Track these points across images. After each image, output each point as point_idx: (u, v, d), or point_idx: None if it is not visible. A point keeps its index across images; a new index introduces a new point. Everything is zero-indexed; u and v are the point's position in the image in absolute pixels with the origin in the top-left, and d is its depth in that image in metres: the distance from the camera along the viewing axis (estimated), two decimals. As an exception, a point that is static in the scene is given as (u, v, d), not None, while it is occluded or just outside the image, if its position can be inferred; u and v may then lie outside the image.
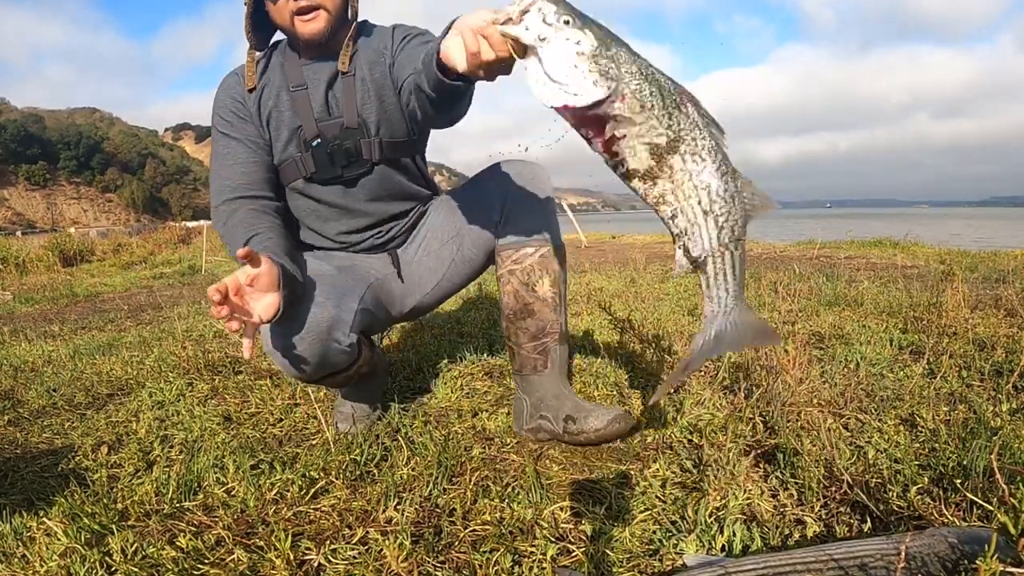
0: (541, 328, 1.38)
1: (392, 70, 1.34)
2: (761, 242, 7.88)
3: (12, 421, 1.70)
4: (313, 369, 1.25)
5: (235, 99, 1.36)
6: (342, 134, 1.34)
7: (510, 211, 1.38)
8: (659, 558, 0.91)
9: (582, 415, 1.32)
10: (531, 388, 1.41)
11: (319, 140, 1.34)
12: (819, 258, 5.20)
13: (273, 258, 1.11)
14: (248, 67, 1.36)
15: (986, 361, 1.73)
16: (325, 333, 1.22)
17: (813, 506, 1.01)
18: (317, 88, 1.35)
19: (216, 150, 1.38)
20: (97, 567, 0.91)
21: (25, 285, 5.64)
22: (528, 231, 1.37)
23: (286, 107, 1.35)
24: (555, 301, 1.39)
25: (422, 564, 0.92)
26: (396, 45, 1.34)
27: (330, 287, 1.27)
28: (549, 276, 1.37)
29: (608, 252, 6.79)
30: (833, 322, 2.34)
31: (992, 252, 5.10)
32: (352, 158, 1.36)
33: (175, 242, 10.66)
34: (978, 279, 3.44)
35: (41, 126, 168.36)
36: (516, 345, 1.41)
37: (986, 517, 0.91)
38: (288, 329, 1.20)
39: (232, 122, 1.36)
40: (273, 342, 1.22)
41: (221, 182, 1.34)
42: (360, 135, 1.35)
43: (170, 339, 2.62)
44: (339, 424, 1.47)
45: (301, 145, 1.35)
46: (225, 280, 1.01)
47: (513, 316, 1.40)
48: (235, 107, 1.36)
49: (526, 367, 1.41)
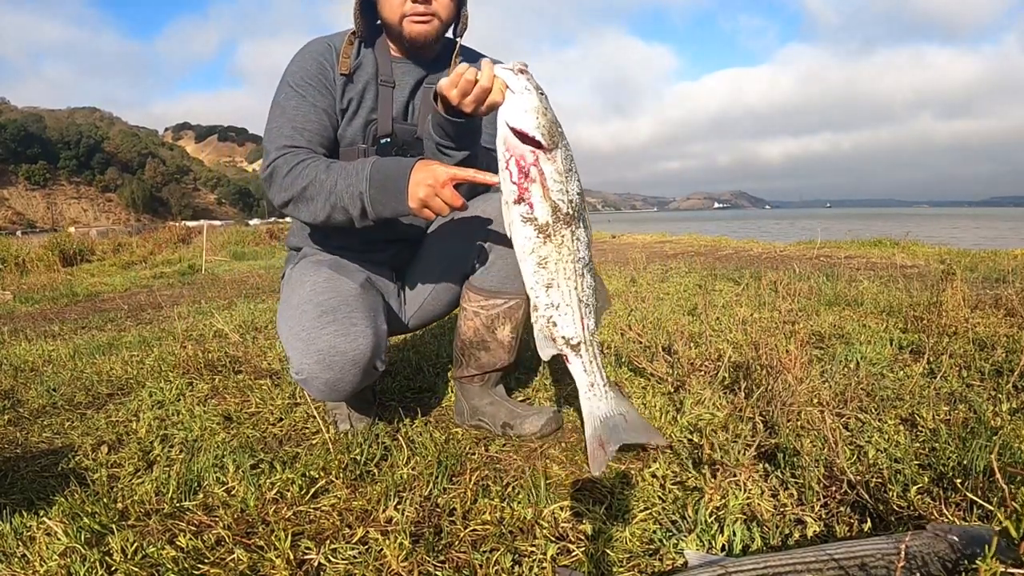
0: (492, 363, 1.46)
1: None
2: (761, 242, 7.88)
3: (12, 421, 1.70)
4: (348, 394, 1.27)
5: (323, 68, 1.31)
6: (412, 142, 1.36)
7: (488, 254, 1.38)
8: (659, 558, 0.91)
9: (518, 421, 1.42)
10: (468, 395, 1.50)
11: (389, 139, 1.34)
12: (819, 258, 5.20)
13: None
14: (345, 51, 1.33)
15: (986, 361, 1.73)
16: (368, 363, 1.22)
17: (813, 506, 1.01)
18: (403, 89, 1.36)
19: (283, 103, 1.30)
20: (97, 567, 0.91)
21: (25, 285, 5.63)
22: (503, 282, 1.38)
23: (370, 97, 1.34)
24: (511, 344, 1.45)
25: (422, 564, 0.91)
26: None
27: (366, 308, 1.26)
28: (511, 323, 1.42)
29: (608, 252, 6.79)
30: (833, 322, 2.34)
31: (992, 252, 5.11)
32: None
33: (175, 242, 10.65)
34: (978, 279, 3.44)
35: (41, 126, 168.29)
36: (462, 361, 1.48)
37: (986, 517, 0.91)
38: (329, 357, 1.18)
39: (312, 85, 1.30)
40: (309, 368, 1.19)
41: (288, 130, 1.27)
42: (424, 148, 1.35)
43: (170, 339, 2.62)
44: (339, 424, 1.47)
45: (370, 138, 1.35)
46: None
47: (468, 344, 1.45)
48: (320, 76, 1.31)
49: (465, 379, 1.50)
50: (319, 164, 1.20)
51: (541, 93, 0.99)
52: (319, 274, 1.30)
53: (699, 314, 2.58)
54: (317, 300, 1.23)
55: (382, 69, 1.34)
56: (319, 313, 1.21)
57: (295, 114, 1.27)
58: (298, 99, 1.29)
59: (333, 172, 1.17)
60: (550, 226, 0.93)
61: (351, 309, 1.23)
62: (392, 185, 1.10)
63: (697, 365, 1.78)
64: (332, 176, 1.17)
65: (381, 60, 1.34)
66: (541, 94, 0.99)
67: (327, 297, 1.24)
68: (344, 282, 1.29)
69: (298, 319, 1.23)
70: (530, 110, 0.96)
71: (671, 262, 5.15)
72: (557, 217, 0.93)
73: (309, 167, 1.20)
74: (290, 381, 1.84)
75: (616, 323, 2.43)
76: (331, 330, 1.19)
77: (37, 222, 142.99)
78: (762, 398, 1.41)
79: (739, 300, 2.94)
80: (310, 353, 1.18)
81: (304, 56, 1.32)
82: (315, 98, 1.29)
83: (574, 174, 0.97)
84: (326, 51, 1.33)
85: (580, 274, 0.95)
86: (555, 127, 0.97)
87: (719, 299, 3.02)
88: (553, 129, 0.97)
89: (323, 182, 1.17)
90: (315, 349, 1.18)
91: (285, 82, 1.31)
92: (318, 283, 1.27)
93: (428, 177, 1.05)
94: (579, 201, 0.97)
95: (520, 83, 0.97)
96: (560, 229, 0.94)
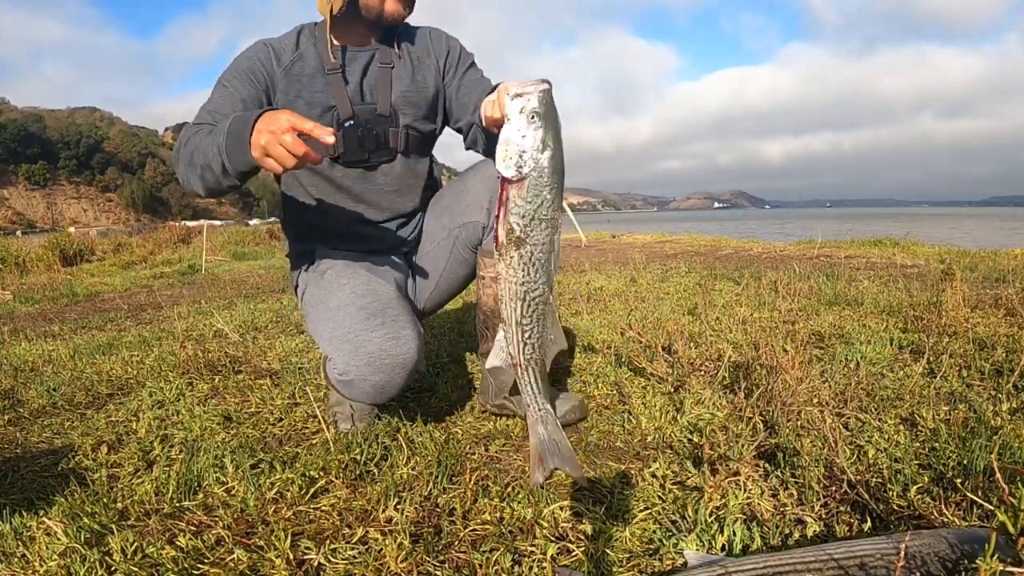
0: None
1: (445, 81, 1.47)
2: (761, 241, 7.88)
3: (12, 421, 1.70)
4: (393, 397, 1.31)
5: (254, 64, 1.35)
6: (374, 120, 1.40)
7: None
8: (659, 558, 0.91)
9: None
10: (495, 372, 1.49)
11: (352, 122, 1.38)
12: (819, 257, 5.20)
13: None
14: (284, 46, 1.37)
15: (986, 361, 1.73)
16: (415, 366, 1.27)
17: (813, 506, 1.01)
18: (353, 73, 1.39)
19: (213, 92, 1.35)
20: (97, 567, 0.91)
21: (25, 285, 5.63)
22: None
23: (320, 86, 1.37)
24: None
25: (422, 564, 0.91)
26: (449, 59, 1.47)
27: (407, 312, 1.31)
28: None
29: (608, 252, 6.79)
30: (833, 321, 2.34)
31: (992, 252, 5.10)
32: (380, 144, 1.41)
33: (175, 242, 10.64)
34: (978, 279, 3.44)
35: (41, 126, 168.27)
36: (486, 335, 1.47)
37: (986, 517, 0.91)
38: (380, 360, 1.22)
39: (237, 78, 1.34)
40: (358, 370, 1.23)
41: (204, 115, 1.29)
42: (389, 124, 1.41)
43: (170, 339, 2.62)
44: (339, 424, 1.47)
45: (333, 123, 1.37)
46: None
47: (490, 314, 1.45)
48: (248, 71, 1.34)
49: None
50: (204, 128, 1.20)
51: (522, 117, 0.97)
52: (357, 276, 1.35)
53: (699, 314, 2.58)
54: (360, 303, 1.28)
55: (326, 56, 1.37)
56: (365, 316, 1.26)
57: (214, 103, 1.30)
58: (220, 90, 1.33)
59: (204, 133, 1.17)
60: (502, 246, 0.97)
61: (397, 312, 1.28)
62: (240, 135, 1.07)
63: (697, 365, 1.78)
64: (205, 137, 1.16)
65: (324, 48, 1.38)
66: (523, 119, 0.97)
67: (370, 300, 1.29)
68: (383, 285, 1.34)
69: (343, 321, 1.27)
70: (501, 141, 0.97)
71: (671, 262, 5.15)
72: (509, 239, 0.96)
73: (195, 136, 1.19)
74: (290, 381, 1.84)
75: (616, 323, 2.43)
76: (381, 333, 1.23)
77: (37, 222, 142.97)
78: (762, 398, 1.41)
79: (739, 300, 2.94)
80: (360, 355, 1.22)
81: (239, 58, 1.37)
82: (236, 87, 1.32)
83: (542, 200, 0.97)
84: (262, 49, 1.37)
85: (520, 297, 0.98)
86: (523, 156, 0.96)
87: (719, 299, 3.02)
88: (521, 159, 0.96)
89: (198, 144, 1.17)
90: (365, 352, 1.22)
91: (220, 77, 1.36)
92: (358, 285, 1.32)
93: (270, 124, 1.03)
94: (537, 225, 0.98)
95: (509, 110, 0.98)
96: (509, 250, 0.97)
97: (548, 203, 0.98)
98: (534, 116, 0.97)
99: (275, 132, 1.01)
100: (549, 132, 0.98)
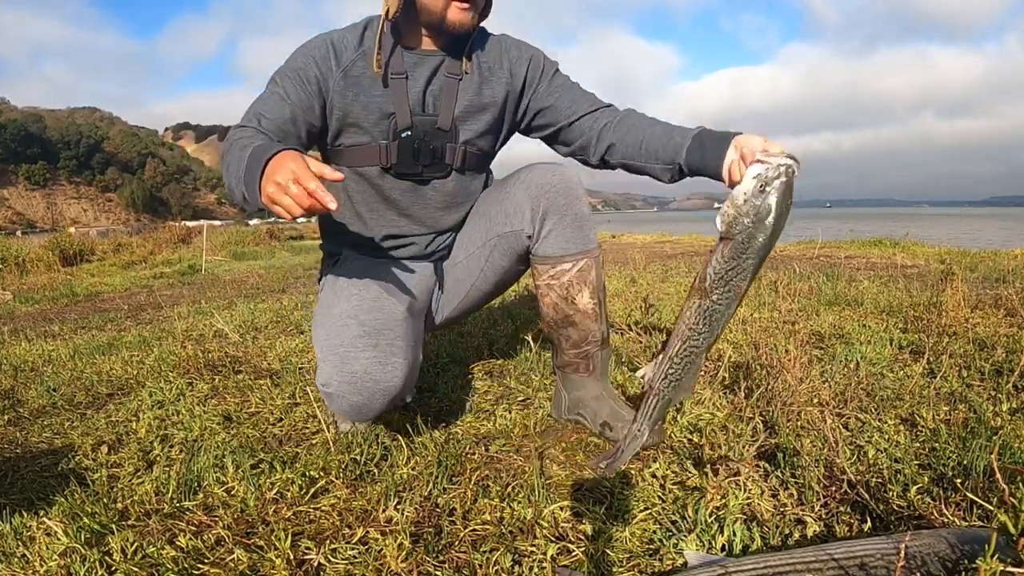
0: (583, 337, 1.39)
1: (527, 93, 1.39)
2: (761, 242, 7.86)
3: (12, 421, 1.70)
4: (371, 419, 1.28)
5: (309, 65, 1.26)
6: (432, 133, 1.32)
7: (543, 223, 1.33)
8: (659, 558, 0.91)
9: (619, 424, 1.34)
10: (571, 386, 1.45)
11: (409, 133, 1.30)
12: (819, 257, 5.20)
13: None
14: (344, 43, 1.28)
15: (986, 361, 1.73)
16: (399, 395, 1.23)
17: (813, 506, 1.01)
18: (417, 80, 1.30)
19: (265, 90, 1.28)
20: (97, 567, 0.91)
21: (25, 285, 5.63)
22: (564, 246, 1.33)
23: (380, 91, 1.28)
24: (595, 311, 1.37)
25: (422, 564, 0.91)
26: (531, 70, 1.37)
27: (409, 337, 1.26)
28: (588, 287, 1.35)
29: (608, 252, 6.79)
30: (833, 321, 2.34)
31: (992, 252, 5.11)
32: (435, 158, 1.33)
33: (175, 242, 10.64)
34: (978, 279, 3.44)
35: (41, 126, 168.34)
36: (558, 346, 1.43)
37: (986, 517, 0.91)
38: (361, 382, 1.18)
39: (290, 78, 1.26)
40: (337, 386, 1.19)
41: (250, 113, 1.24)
42: (448, 139, 1.33)
43: (170, 339, 2.62)
44: (339, 424, 1.47)
45: (389, 133, 1.30)
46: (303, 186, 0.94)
47: (554, 324, 1.40)
48: (302, 72, 1.26)
49: (568, 367, 1.44)
50: (243, 142, 1.13)
51: (754, 183, 1.00)
52: (368, 289, 1.29)
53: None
54: (362, 318, 1.23)
55: (393, 60, 1.28)
56: (362, 333, 1.20)
57: (263, 103, 1.25)
58: (271, 88, 1.26)
59: (240, 147, 1.11)
60: (694, 289, 1.05)
61: (394, 336, 1.22)
62: (253, 175, 1.01)
63: (697, 365, 1.78)
64: (237, 153, 1.11)
65: (389, 50, 1.28)
66: (753, 185, 1.00)
67: (372, 317, 1.23)
68: (392, 304, 1.28)
69: (338, 333, 1.22)
70: (731, 195, 1.03)
71: (671, 262, 5.15)
72: (698, 286, 1.04)
73: (234, 146, 1.14)
74: (290, 381, 1.84)
75: (616, 323, 2.43)
76: (369, 355, 1.18)
77: (37, 222, 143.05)
78: (762, 398, 1.41)
79: (739, 300, 2.94)
80: (344, 372, 1.18)
81: (296, 53, 1.29)
82: (286, 89, 1.25)
83: (738, 266, 1.02)
84: (320, 46, 1.27)
85: (683, 339, 1.07)
86: (737, 219, 1.01)
87: (719, 299, 3.01)
88: (736, 221, 1.01)
89: (231, 160, 1.11)
90: (349, 370, 1.17)
91: (275, 72, 1.30)
92: (365, 300, 1.27)
93: (276, 173, 0.97)
94: (723, 286, 1.03)
95: (749, 168, 1.02)
96: (694, 295, 1.05)
97: (742, 272, 1.03)
98: (764, 187, 0.99)
99: (280, 184, 0.96)
100: (771, 208, 1.00)
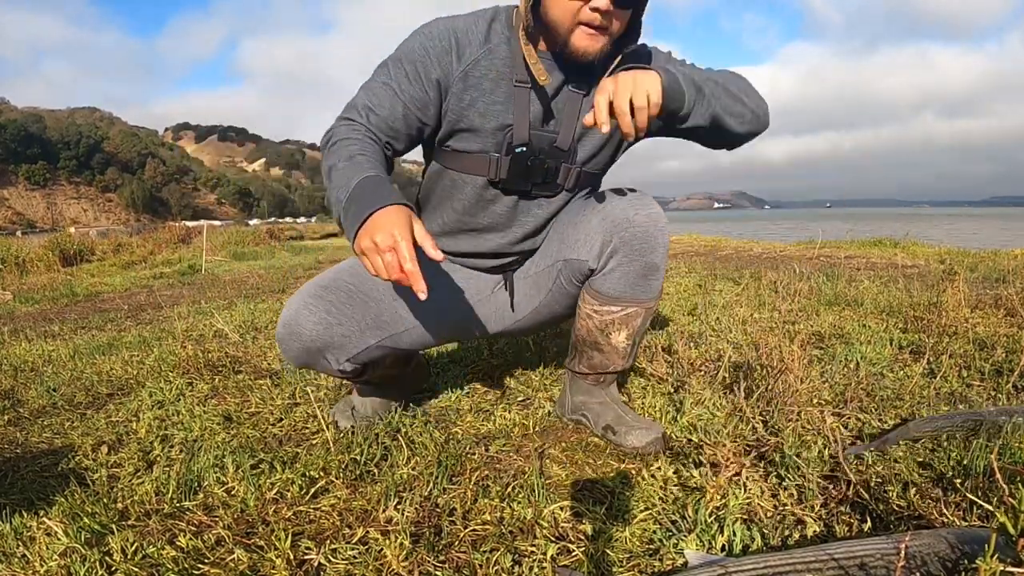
0: (604, 365, 1.36)
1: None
2: (761, 242, 7.88)
3: (12, 421, 1.70)
4: (297, 366, 1.35)
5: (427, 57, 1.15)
6: (549, 151, 1.22)
7: (609, 260, 1.23)
8: (659, 558, 0.91)
9: (623, 429, 1.32)
10: (576, 389, 1.44)
11: (524, 148, 1.20)
12: (819, 258, 5.20)
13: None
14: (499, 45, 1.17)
15: (986, 361, 1.73)
16: (316, 351, 1.28)
17: (813, 506, 1.01)
18: (542, 91, 1.18)
19: (376, 76, 1.19)
20: (97, 567, 0.91)
21: (25, 285, 5.63)
22: (621, 290, 1.25)
23: (501, 97, 1.17)
24: (626, 351, 1.34)
25: (422, 564, 0.91)
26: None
27: (356, 307, 1.28)
28: (627, 329, 1.29)
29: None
30: (833, 321, 2.34)
31: (992, 252, 5.11)
32: (547, 178, 1.24)
33: (175, 242, 10.64)
34: (978, 279, 3.44)
35: (41, 126, 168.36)
36: (577, 356, 1.40)
37: (986, 517, 0.91)
38: (288, 319, 1.26)
39: (406, 71, 1.16)
40: (280, 329, 1.28)
41: (361, 104, 1.16)
42: (564, 159, 1.24)
43: (170, 339, 2.62)
44: (339, 421, 1.47)
45: (503, 146, 1.20)
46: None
47: (582, 341, 1.35)
48: (419, 65, 1.16)
49: (579, 375, 1.43)
50: (350, 149, 1.08)
51: None
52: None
53: (699, 314, 2.58)
54: (335, 275, 1.31)
55: (518, 65, 1.16)
56: (326, 284, 1.29)
57: (375, 95, 1.16)
58: (383, 79, 1.17)
59: (346, 156, 1.08)
60: None
61: (343, 302, 1.28)
62: (354, 216, 0.98)
63: (697, 365, 1.78)
64: (341, 164, 1.07)
65: (517, 52, 1.16)
66: None
67: (350, 280, 1.30)
68: (381, 286, 1.31)
69: (321, 277, 1.31)
70: None
71: (671, 262, 5.15)
72: None
73: (343, 149, 1.09)
74: (290, 381, 1.84)
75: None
76: (308, 302, 1.26)
77: (37, 222, 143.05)
78: (762, 398, 1.41)
79: (739, 300, 2.94)
80: (289, 306, 1.27)
81: (414, 39, 1.17)
82: (400, 84, 1.16)
83: None
84: (443, 38, 1.16)
85: None
86: None
87: (719, 299, 3.02)
88: None
89: (333, 166, 1.08)
90: (292, 305, 1.26)
91: (389, 57, 1.19)
92: (354, 264, 1.31)
93: (375, 232, 0.93)
94: None
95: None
96: None
97: None
98: None
99: (377, 246, 0.92)
100: None
